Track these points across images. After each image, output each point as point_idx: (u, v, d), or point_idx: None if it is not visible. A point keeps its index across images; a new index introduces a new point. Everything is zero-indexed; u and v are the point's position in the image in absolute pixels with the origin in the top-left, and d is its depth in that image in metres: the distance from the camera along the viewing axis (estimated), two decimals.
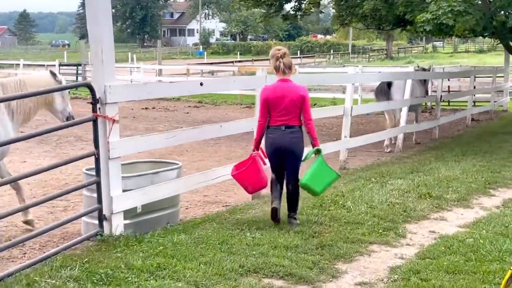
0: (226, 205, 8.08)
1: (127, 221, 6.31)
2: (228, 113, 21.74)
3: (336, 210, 7.08)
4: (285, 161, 6.42)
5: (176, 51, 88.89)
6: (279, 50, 6.55)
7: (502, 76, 22.14)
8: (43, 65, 36.81)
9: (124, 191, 6.06)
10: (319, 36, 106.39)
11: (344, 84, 10.14)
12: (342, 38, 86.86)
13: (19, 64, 33.66)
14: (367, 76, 11.74)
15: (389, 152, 12.88)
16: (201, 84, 6.68)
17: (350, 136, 10.68)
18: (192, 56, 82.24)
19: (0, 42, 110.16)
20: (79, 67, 33.42)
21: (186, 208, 7.98)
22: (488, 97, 20.26)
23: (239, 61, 46.15)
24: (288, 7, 16.83)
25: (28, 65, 36.80)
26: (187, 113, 21.82)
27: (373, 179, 9.05)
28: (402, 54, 78.41)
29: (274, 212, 6.44)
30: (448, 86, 22.79)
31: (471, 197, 8.17)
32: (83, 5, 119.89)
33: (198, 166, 11.17)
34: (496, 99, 20.61)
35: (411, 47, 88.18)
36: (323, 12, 22.48)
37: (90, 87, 5.49)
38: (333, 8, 17.27)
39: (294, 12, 16.03)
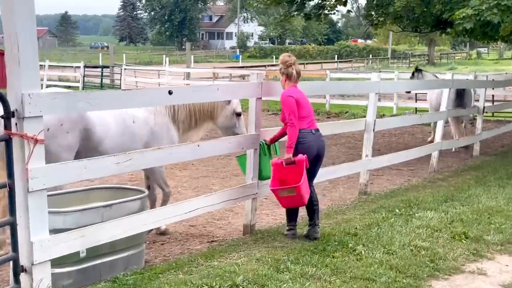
0: (212, 241, 6.58)
1: (66, 269, 4.93)
2: None
3: (343, 257, 5.51)
4: (316, 166, 6.18)
5: (212, 54, 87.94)
6: (290, 57, 6.20)
7: None
8: (71, 67, 36.16)
9: (60, 230, 4.66)
10: (360, 40, 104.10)
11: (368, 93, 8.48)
12: (383, 43, 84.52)
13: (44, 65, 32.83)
14: (393, 85, 9.99)
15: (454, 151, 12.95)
16: (170, 92, 5.20)
17: (379, 151, 9.09)
18: (228, 60, 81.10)
19: (41, 43, 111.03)
20: (104, 69, 32.44)
21: (162, 244, 6.52)
22: None
23: (273, 65, 44.58)
24: (311, 5, 15.13)
25: (54, 66, 36.02)
26: None
27: (397, 210, 7.43)
28: (444, 60, 75.66)
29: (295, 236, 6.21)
30: (493, 95, 20.81)
31: None
32: (123, 7, 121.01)
33: (198, 185, 9.74)
34: None
35: (454, 53, 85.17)
36: (351, 12, 20.55)
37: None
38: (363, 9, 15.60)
39: (316, 11, 14.38)
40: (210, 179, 10.20)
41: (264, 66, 40.24)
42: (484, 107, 12.83)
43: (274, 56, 72.80)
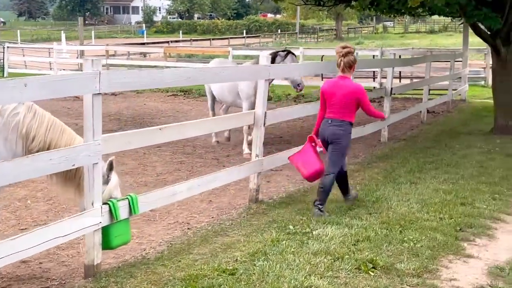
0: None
1: None
2: (147, 103, 18.46)
3: None
4: (328, 151, 6.54)
5: (117, 30, 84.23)
6: (343, 48, 6.53)
7: (460, 61, 19.36)
8: None
9: None
10: (269, 15, 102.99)
11: (259, 80, 6.90)
12: (291, 18, 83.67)
13: None
14: (288, 68, 8.41)
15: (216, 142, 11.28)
16: None
17: (280, 138, 7.65)
18: (134, 35, 77.85)
19: None
20: None
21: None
22: (444, 84, 17.38)
23: (177, 41, 42.39)
24: None
25: None
26: None
27: (291, 227, 5.99)
28: (352, 34, 75.80)
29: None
30: (400, 72, 19.98)
31: (437, 264, 5.20)
32: None
33: (54, 194, 7.88)
34: (454, 86, 17.71)
35: (361, 27, 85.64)
36: None
37: None
38: None
39: None
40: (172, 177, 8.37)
41: (167, 42, 37.96)
42: (391, 88, 11.62)
43: (181, 31, 70.31)
